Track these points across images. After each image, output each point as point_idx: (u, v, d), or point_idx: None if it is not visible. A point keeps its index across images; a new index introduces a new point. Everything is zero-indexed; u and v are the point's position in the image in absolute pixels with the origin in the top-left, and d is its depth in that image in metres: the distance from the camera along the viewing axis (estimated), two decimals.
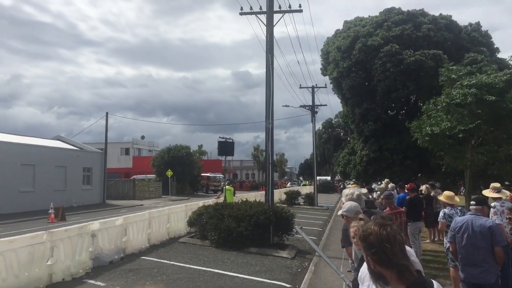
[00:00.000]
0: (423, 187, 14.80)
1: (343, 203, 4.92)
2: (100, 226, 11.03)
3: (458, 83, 17.54)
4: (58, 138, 40.80)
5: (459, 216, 7.35)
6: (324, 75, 42.69)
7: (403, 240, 2.02)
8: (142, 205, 34.72)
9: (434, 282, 2.00)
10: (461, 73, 18.29)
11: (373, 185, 19.90)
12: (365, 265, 3.17)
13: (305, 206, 31.05)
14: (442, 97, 18.11)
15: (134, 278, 9.46)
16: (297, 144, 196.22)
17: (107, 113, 40.67)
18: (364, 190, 10.61)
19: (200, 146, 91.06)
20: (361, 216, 3.63)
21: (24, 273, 8.21)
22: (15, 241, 8.21)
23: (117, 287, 8.62)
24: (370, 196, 10.87)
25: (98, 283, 9.03)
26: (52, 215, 22.61)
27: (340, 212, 4.71)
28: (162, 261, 11.31)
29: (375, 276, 2.04)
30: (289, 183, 79.92)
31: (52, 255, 9.02)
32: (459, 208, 8.21)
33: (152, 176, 52.83)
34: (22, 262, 8.19)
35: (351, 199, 4.79)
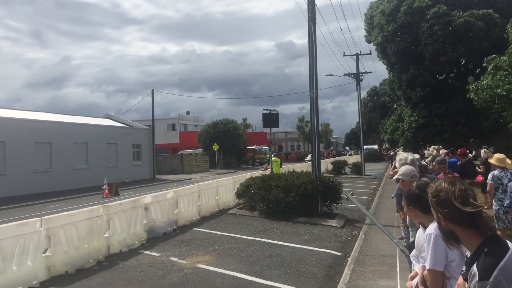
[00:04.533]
0: (482, 152, 14.32)
1: (397, 168, 4.81)
2: (152, 199, 11.36)
3: None
4: (108, 117, 42.08)
5: (510, 178, 7.32)
6: (369, 41, 41.46)
7: (475, 196, 1.97)
8: (190, 179, 35.49)
9: (508, 242, 1.94)
10: None
11: (424, 151, 19.39)
12: (420, 231, 3.10)
13: (352, 176, 30.79)
14: (504, 57, 17.15)
15: (187, 248, 9.74)
16: (343, 113, 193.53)
17: (152, 90, 41.42)
18: (417, 156, 10.34)
19: (245, 119, 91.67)
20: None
21: (84, 245, 8.61)
22: (74, 215, 8.60)
23: (172, 257, 8.90)
24: (423, 162, 10.60)
25: (154, 253, 9.35)
26: (106, 191, 23.51)
27: (396, 176, 4.60)
28: (213, 232, 11.56)
29: (446, 234, 2.00)
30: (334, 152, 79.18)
31: (109, 227, 9.41)
32: (510, 171, 7.93)
33: (199, 150, 53.69)
34: (81, 235, 8.58)
35: (405, 164, 4.67)
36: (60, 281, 7.49)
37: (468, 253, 1.99)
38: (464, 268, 2.00)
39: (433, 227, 2.95)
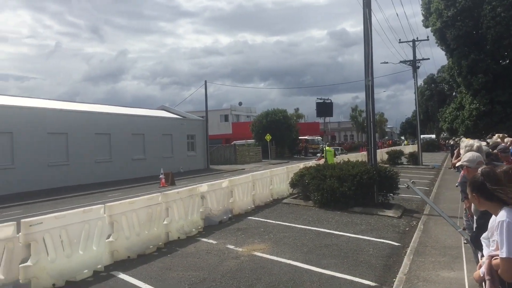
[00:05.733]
0: None
1: (461, 156, 4.61)
2: (208, 188, 11.56)
3: None
4: (163, 108, 43.15)
5: None
6: (426, 26, 40.03)
7: None
8: (243, 169, 35.79)
9: None
10: None
11: (487, 140, 18.58)
12: (493, 217, 2.96)
13: (409, 166, 29.97)
14: None
15: (243, 236, 9.85)
16: (398, 102, 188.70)
17: (206, 82, 42.13)
18: (484, 143, 9.89)
19: (297, 110, 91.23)
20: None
21: (144, 232, 8.90)
22: (135, 202, 8.89)
23: (229, 245, 9.03)
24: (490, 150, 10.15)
25: (211, 241, 9.53)
26: (163, 180, 24.17)
27: (459, 163, 4.42)
28: (268, 221, 11.62)
29: None
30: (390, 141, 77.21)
31: (167, 215, 9.67)
32: None
33: (252, 141, 54.04)
34: (142, 221, 8.87)
35: (471, 150, 4.47)
36: (123, 266, 7.79)
37: None
38: None
39: (504, 214, 2.82)
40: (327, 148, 20.60)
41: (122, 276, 7.23)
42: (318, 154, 29.79)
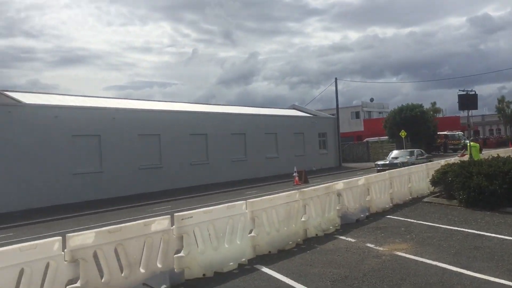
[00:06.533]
0: None
1: None
2: (344, 186, 11.43)
3: None
4: (293, 107, 43.81)
5: None
6: None
7: None
8: None
9: None
10: None
11: None
12: None
13: None
14: None
15: (382, 235, 9.55)
16: None
17: (336, 79, 41.76)
18: None
19: (434, 104, 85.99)
20: None
21: (284, 228, 9.09)
22: (274, 199, 9.14)
23: (368, 243, 8.82)
24: None
25: (349, 239, 9.41)
26: (296, 178, 24.53)
27: None
28: (408, 220, 11.14)
29: None
30: None
31: (305, 212, 9.77)
32: None
33: (385, 138, 52.19)
34: (281, 218, 9.08)
35: None
36: (265, 260, 8.05)
37: None
38: None
39: None
40: (472, 143, 19.00)
41: (265, 269, 7.47)
42: (462, 150, 27.63)
